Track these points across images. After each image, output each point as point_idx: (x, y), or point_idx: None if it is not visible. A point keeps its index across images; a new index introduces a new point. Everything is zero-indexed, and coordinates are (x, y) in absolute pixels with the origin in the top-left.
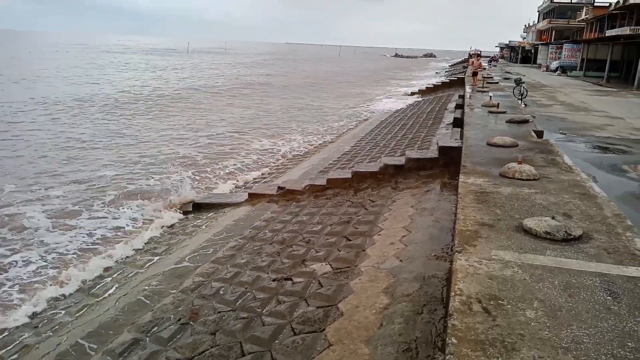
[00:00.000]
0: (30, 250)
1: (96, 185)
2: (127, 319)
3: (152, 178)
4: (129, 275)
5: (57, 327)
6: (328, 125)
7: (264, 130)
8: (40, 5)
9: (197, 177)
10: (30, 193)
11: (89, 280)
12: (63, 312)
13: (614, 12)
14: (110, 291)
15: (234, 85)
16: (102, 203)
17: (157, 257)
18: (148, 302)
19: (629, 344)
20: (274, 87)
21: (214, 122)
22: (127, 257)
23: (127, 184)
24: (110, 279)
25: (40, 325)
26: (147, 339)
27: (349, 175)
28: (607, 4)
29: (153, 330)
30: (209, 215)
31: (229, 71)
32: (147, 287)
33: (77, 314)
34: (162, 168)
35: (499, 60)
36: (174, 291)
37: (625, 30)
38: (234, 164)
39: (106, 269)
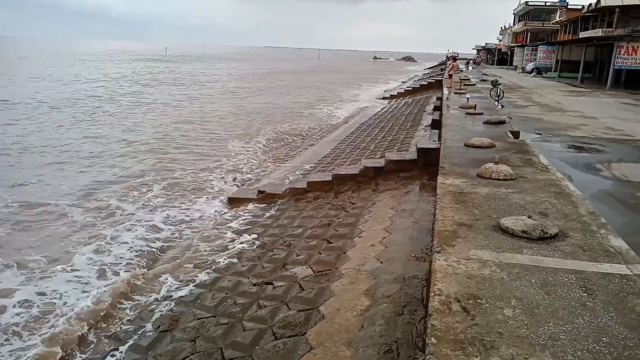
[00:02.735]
0: None
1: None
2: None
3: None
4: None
5: None
6: (307, 128)
7: (240, 133)
8: (19, 11)
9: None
10: None
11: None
12: None
13: (587, 14)
14: None
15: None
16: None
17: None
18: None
19: (604, 339)
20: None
21: (183, 126)
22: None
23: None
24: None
25: None
26: (125, 347)
27: (330, 178)
28: (580, 7)
29: (132, 338)
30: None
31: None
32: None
33: None
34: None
35: (481, 63)
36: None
37: (598, 32)
38: (211, 168)
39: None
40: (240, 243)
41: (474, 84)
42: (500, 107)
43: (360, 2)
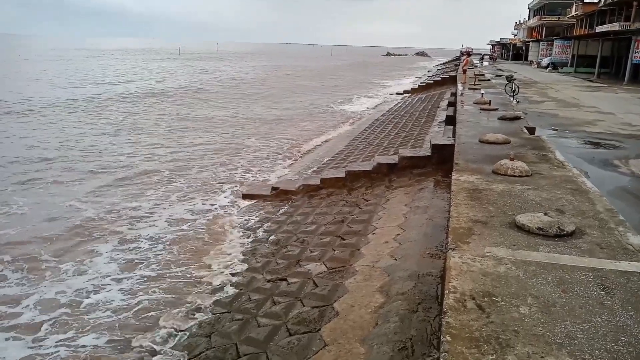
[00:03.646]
0: None
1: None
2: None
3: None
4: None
5: None
6: (321, 124)
7: (256, 130)
8: (28, 9)
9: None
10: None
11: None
12: None
13: (604, 8)
14: None
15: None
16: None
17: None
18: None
19: (622, 338)
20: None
21: (203, 124)
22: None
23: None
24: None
25: None
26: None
27: (343, 175)
28: (597, 0)
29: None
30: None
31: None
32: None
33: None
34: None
35: (497, 58)
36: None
37: (615, 26)
38: (225, 165)
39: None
40: (254, 239)
41: (489, 80)
42: (516, 102)
43: None
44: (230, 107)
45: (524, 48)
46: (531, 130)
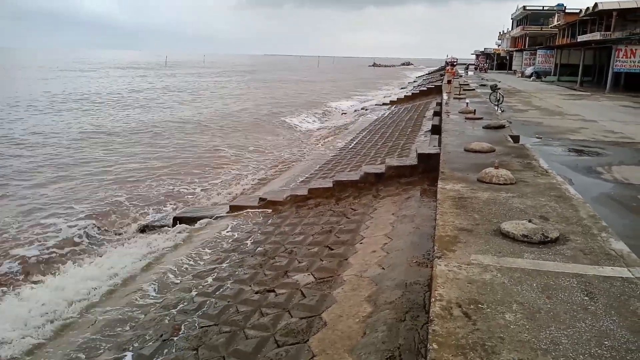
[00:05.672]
0: None
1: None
2: (108, 337)
3: (132, 194)
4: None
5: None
6: (309, 134)
7: (244, 142)
8: (24, 22)
9: (176, 192)
10: None
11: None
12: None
13: (585, 18)
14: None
15: None
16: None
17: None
18: (128, 318)
19: (606, 342)
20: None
21: (188, 132)
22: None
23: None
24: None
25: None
26: (129, 356)
27: (331, 185)
28: (578, 11)
29: (134, 347)
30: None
31: None
32: (127, 304)
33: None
34: (139, 182)
35: (487, 70)
36: (155, 307)
37: (596, 36)
38: (214, 177)
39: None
40: (242, 251)
41: (474, 89)
42: (500, 111)
43: (358, 9)
44: (216, 119)
45: (507, 58)
46: (515, 139)
